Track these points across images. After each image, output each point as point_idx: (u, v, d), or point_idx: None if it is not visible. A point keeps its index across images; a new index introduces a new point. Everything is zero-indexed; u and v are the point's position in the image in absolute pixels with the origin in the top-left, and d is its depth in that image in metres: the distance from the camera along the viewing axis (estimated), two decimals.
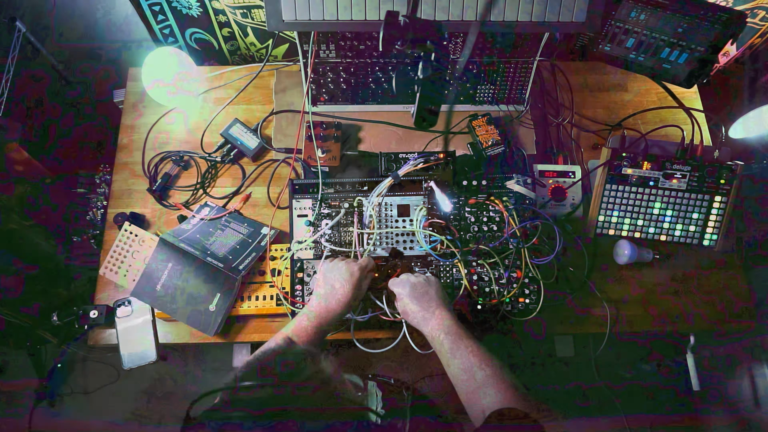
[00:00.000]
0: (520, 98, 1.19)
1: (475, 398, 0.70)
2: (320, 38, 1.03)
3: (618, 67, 1.06)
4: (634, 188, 1.08)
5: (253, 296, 1.01)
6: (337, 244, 1.00)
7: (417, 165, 1.01)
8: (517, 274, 0.98)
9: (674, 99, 1.07)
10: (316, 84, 1.13)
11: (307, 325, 0.82)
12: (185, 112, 1.22)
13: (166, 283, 0.99)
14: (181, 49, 1.30)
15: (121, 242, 1.05)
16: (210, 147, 1.17)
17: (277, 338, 0.80)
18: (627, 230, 1.09)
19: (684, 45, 1.00)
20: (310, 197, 1.03)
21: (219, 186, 1.15)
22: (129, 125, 1.20)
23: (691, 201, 1.08)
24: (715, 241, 1.08)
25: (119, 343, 1.01)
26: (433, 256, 0.98)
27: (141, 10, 1.21)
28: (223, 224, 1.08)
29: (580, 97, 1.25)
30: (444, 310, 0.82)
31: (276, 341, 0.77)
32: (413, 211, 1.01)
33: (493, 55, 1.09)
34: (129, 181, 1.15)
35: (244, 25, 1.25)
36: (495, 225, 1.01)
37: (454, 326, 0.79)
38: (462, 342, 0.76)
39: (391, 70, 1.11)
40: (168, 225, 1.11)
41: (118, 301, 1.02)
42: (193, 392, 1.74)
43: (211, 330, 0.97)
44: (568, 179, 1.12)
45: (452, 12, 0.91)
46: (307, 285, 0.99)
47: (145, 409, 1.76)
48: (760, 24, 1.21)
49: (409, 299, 0.84)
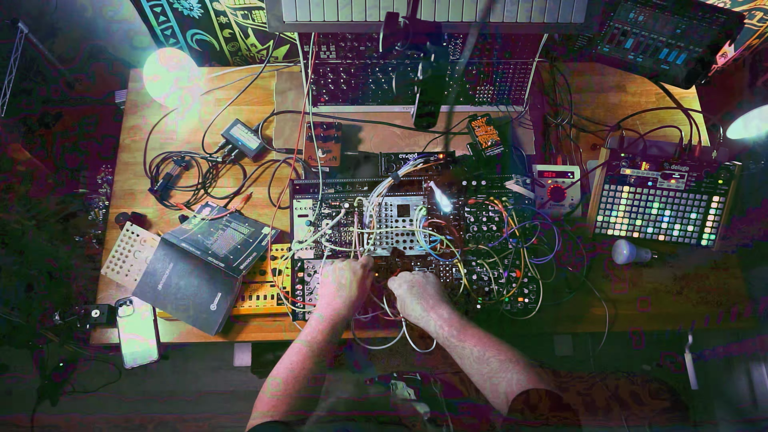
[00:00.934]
0: (519, 99, 1.19)
1: (494, 385, 0.69)
2: (321, 39, 1.03)
3: (617, 67, 1.06)
4: (632, 188, 1.09)
5: (254, 296, 1.02)
6: (337, 243, 1.01)
7: (417, 165, 1.02)
8: (516, 273, 0.99)
9: (672, 100, 1.08)
10: (316, 85, 1.14)
11: (320, 329, 0.81)
12: (186, 112, 1.22)
13: (167, 282, 0.99)
14: (182, 50, 1.31)
15: (123, 242, 1.06)
16: (211, 147, 1.18)
17: (300, 355, 0.77)
18: (625, 230, 1.09)
19: (682, 46, 1.00)
20: (311, 197, 1.03)
21: (220, 186, 1.16)
22: (130, 126, 1.21)
23: (690, 201, 1.08)
24: (713, 241, 1.08)
25: (121, 342, 1.01)
26: (432, 255, 0.99)
27: (142, 11, 1.22)
28: (224, 224, 1.08)
29: (579, 97, 1.25)
30: (443, 305, 0.81)
31: (298, 356, 0.77)
32: (413, 211, 1.02)
33: (492, 56, 1.10)
34: (131, 181, 1.15)
35: (245, 26, 1.25)
36: (494, 225, 1.02)
37: (456, 318, 0.78)
38: (468, 332, 0.76)
39: (391, 71, 1.11)
40: (169, 225, 1.11)
41: (120, 301, 1.03)
42: (194, 391, 1.77)
43: (212, 329, 0.98)
44: (567, 179, 1.12)
45: (452, 13, 0.92)
46: (308, 284, 0.99)
47: (146, 408, 1.77)
48: (757, 25, 1.21)
49: (408, 298, 0.84)
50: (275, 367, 0.76)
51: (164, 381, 1.79)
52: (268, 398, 0.72)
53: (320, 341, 0.79)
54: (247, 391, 1.77)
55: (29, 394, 1.69)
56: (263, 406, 0.71)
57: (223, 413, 1.76)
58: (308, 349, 0.77)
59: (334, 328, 0.82)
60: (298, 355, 0.76)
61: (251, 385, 1.76)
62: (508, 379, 0.67)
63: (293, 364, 0.75)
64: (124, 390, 1.77)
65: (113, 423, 1.76)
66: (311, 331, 0.81)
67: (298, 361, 0.75)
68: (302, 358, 0.76)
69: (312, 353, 0.76)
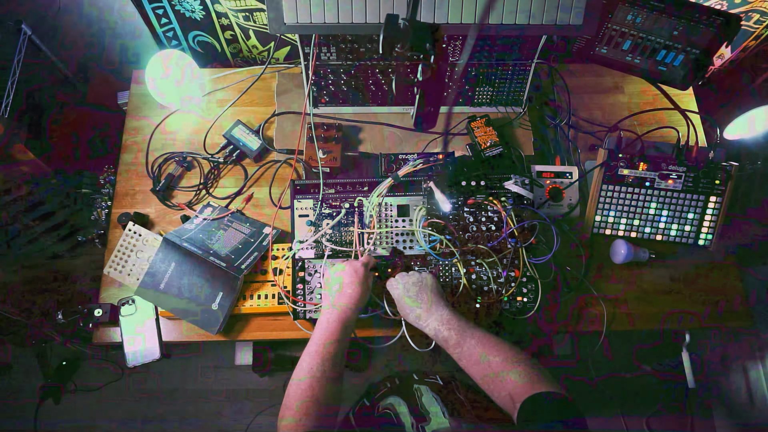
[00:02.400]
0: (518, 100, 1.20)
1: (497, 386, 0.70)
2: (321, 41, 1.04)
3: (614, 69, 1.07)
4: (630, 188, 1.10)
5: (255, 295, 1.03)
6: (337, 243, 1.02)
7: (416, 166, 1.02)
8: (515, 273, 1.00)
9: (670, 101, 1.09)
10: (317, 86, 1.15)
11: (331, 330, 0.81)
12: (188, 113, 1.23)
13: (169, 282, 1.00)
14: (184, 51, 1.32)
15: (125, 242, 1.06)
16: (213, 148, 1.19)
17: (318, 357, 0.77)
18: (623, 230, 1.10)
19: (679, 47, 1.01)
20: (311, 197, 1.04)
21: (221, 186, 1.17)
22: (133, 127, 1.21)
23: (687, 201, 1.09)
24: (710, 240, 1.09)
25: (123, 341, 1.02)
26: (432, 255, 1.00)
27: (145, 13, 1.23)
28: (226, 224, 1.09)
29: (577, 98, 1.26)
30: (441, 306, 0.82)
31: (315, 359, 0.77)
32: (413, 211, 1.03)
33: (491, 58, 1.11)
34: (133, 181, 1.16)
35: (246, 27, 1.26)
36: (493, 225, 1.02)
37: (455, 319, 0.79)
38: (467, 333, 0.76)
39: (391, 73, 1.12)
40: (171, 225, 1.12)
41: (123, 300, 1.04)
42: (196, 390, 1.78)
43: (214, 328, 0.98)
44: (566, 180, 1.13)
45: (451, 15, 0.92)
46: (308, 284, 1.00)
47: (148, 406, 1.78)
48: (754, 27, 1.22)
49: (406, 299, 0.84)
50: (295, 372, 0.76)
51: (166, 379, 1.81)
52: (296, 405, 0.72)
53: (333, 342, 0.79)
54: (248, 390, 1.79)
55: (33, 393, 1.71)
56: (291, 414, 0.70)
57: (225, 411, 1.78)
58: (325, 351, 0.77)
59: (345, 327, 0.82)
60: (315, 358, 0.76)
61: (252, 383, 1.77)
62: (512, 380, 0.68)
63: (312, 368, 0.75)
64: (126, 388, 1.78)
65: (115, 421, 1.77)
66: (323, 333, 0.81)
67: (317, 363, 0.75)
68: (320, 361, 0.76)
69: (328, 354, 0.77)
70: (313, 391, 0.72)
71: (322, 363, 0.76)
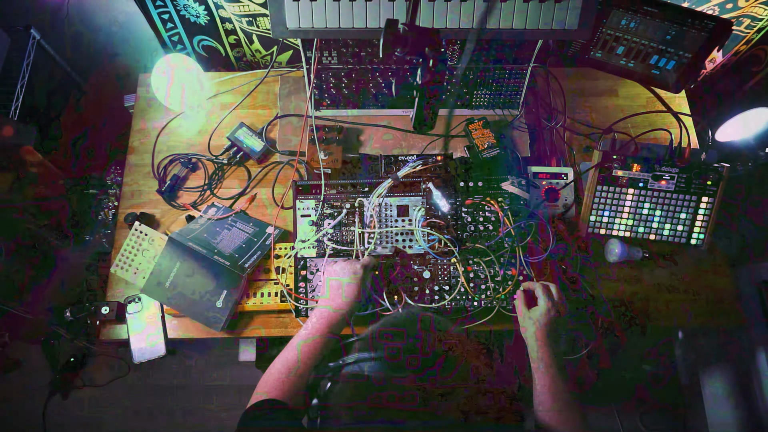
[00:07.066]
0: (514, 103, 1.22)
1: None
2: (323, 45, 1.06)
3: (609, 72, 1.09)
4: (624, 189, 1.12)
5: (258, 293, 1.05)
6: (339, 243, 1.04)
7: (416, 167, 1.05)
8: (512, 271, 1.02)
9: (663, 103, 1.11)
10: (318, 89, 1.17)
11: (317, 326, 0.83)
12: (193, 116, 1.26)
13: (174, 280, 1.02)
14: (189, 55, 1.34)
15: (132, 241, 1.08)
16: (217, 150, 1.21)
17: (298, 351, 0.80)
18: (617, 230, 1.13)
19: (672, 52, 1.03)
20: (313, 198, 1.06)
21: (225, 187, 1.19)
22: (139, 129, 1.24)
23: (679, 201, 1.11)
24: (702, 240, 1.11)
25: (129, 338, 1.04)
26: (431, 254, 1.02)
27: (151, 18, 1.25)
28: (230, 224, 1.11)
29: (573, 101, 1.28)
30: (549, 347, 0.84)
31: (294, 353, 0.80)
32: (412, 211, 1.05)
33: (489, 62, 1.12)
34: (139, 182, 1.18)
35: (249, 32, 1.28)
36: (491, 224, 1.05)
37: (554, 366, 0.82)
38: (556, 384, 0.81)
39: (391, 76, 1.14)
40: (176, 225, 1.14)
41: (129, 298, 1.06)
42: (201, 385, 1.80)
43: (218, 325, 1.00)
44: (561, 180, 1.15)
45: (449, 20, 0.94)
46: (310, 282, 1.03)
47: (153, 402, 1.81)
48: (745, 31, 1.24)
49: (543, 330, 0.86)
50: (273, 362, 0.80)
51: (171, 376, 1.83)
52: (269, 381, 0.77)
53: (317, 338, 0.82)
54: (251, 386, 1.79)
55: (41, 388, 1.73)
56: (261, 388, 0.76)
57: (229, 407, 1.80)
58: (304, 345, 0.80)
59: (331, 326, 0.84)
60: (293, 352, 0.80)
61: (256, 379, 1.77)
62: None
63: (289, 360, 0.79)
64: (132, 384, 1.81)
65: (122, 416, 1.80)
66: (309, 329, 0.84)
67: (293, 357, 0.79)
68: (301, 353, 0.79)
69: (308, 349, 0.80)
70: (285, 373, 0.77)
71: (303, 354, 0.79)
